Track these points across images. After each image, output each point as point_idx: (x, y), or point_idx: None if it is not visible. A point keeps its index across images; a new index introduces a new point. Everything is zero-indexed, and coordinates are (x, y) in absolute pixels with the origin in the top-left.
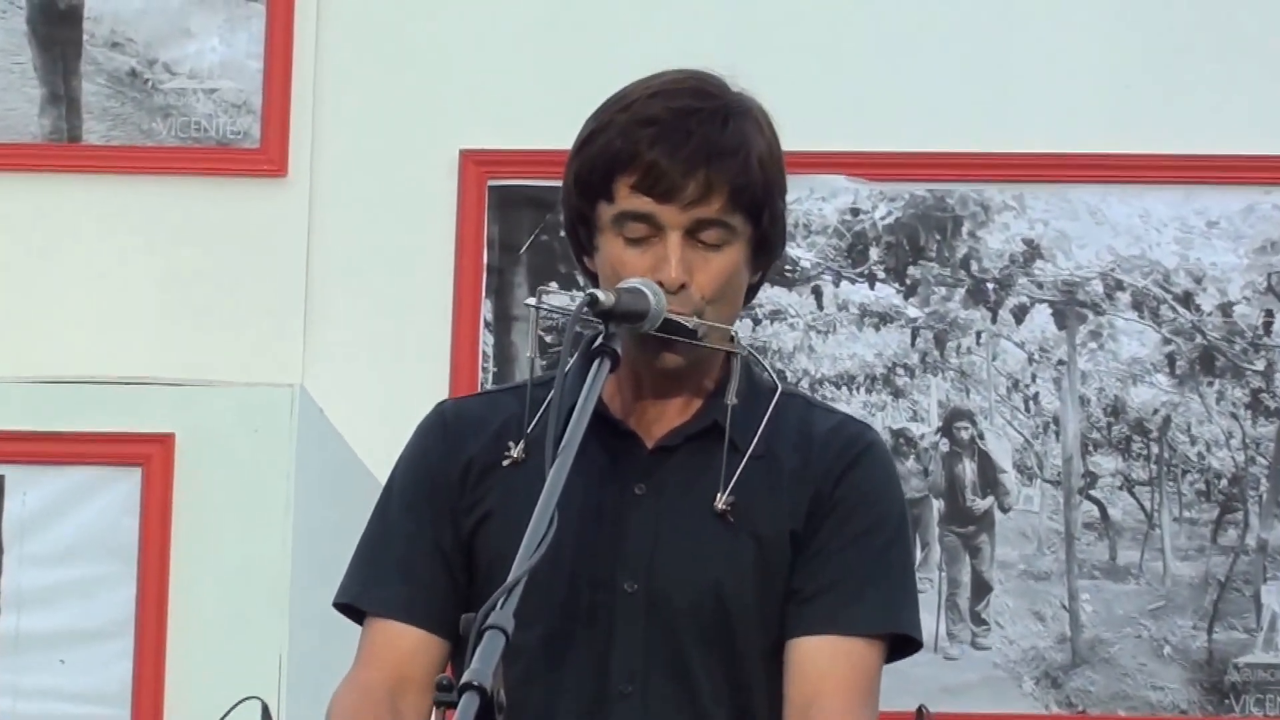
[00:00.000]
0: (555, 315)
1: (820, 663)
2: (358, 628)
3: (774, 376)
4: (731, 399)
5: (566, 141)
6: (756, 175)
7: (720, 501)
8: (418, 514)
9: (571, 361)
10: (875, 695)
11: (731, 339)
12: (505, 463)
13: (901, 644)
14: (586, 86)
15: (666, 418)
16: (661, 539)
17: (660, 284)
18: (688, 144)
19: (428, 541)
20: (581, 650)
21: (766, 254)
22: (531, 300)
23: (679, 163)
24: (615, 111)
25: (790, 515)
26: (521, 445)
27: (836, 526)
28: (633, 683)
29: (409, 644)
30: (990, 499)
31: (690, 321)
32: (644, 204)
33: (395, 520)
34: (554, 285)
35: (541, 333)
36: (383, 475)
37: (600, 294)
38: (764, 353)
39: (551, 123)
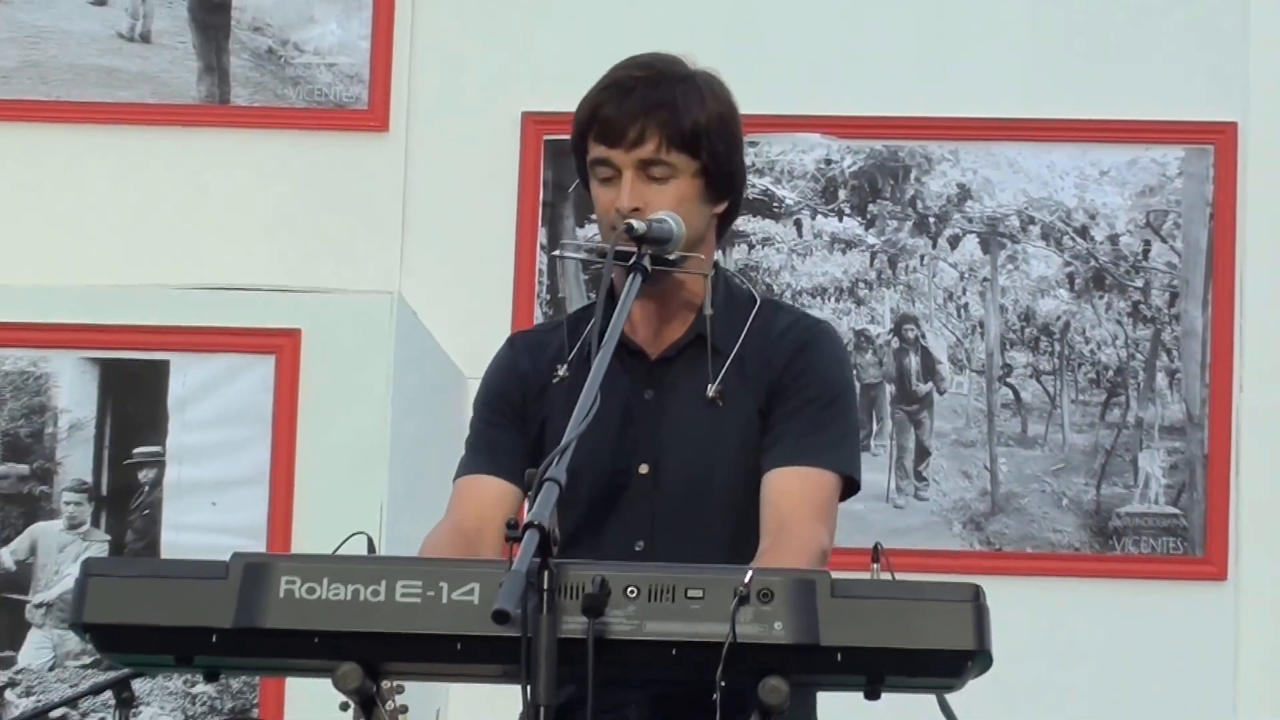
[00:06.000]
0: (590, 250)
1: (784, 485)
2: (440, 484)
3: (753, 289)
4: (708, 310)
5: None
6: (685, 121)
7: (710, 390)
8: (499, 416)
9: (602, 293)
10: (832, 516)
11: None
12: (555, 380)
13: (850, 487)
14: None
15: (665, 335)
16: (665, 429)
17: (618, 210)
18: (629, 99)
19: (509, 432)
20: (611, 519)
21: (721, 186)
22: (557, 251)
23: (623, 114)
24: (594, 87)
25: (756, 398)
26: (566, 366)
27: (791, 395)
28: (645, 539)
29: (492, 493)
30: (930, 385)
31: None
32: (602, 151)
33: (482, 425)
34: (570, 238)
35: (589, 257)
36: (463, 366)
37: (636, 223)
38: (756, 270)
39: None
